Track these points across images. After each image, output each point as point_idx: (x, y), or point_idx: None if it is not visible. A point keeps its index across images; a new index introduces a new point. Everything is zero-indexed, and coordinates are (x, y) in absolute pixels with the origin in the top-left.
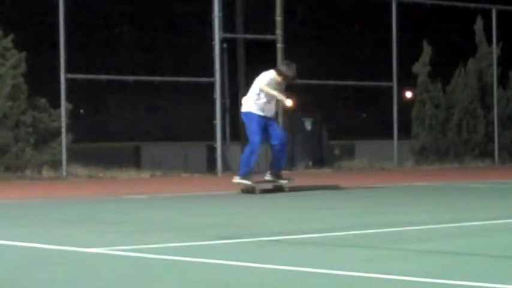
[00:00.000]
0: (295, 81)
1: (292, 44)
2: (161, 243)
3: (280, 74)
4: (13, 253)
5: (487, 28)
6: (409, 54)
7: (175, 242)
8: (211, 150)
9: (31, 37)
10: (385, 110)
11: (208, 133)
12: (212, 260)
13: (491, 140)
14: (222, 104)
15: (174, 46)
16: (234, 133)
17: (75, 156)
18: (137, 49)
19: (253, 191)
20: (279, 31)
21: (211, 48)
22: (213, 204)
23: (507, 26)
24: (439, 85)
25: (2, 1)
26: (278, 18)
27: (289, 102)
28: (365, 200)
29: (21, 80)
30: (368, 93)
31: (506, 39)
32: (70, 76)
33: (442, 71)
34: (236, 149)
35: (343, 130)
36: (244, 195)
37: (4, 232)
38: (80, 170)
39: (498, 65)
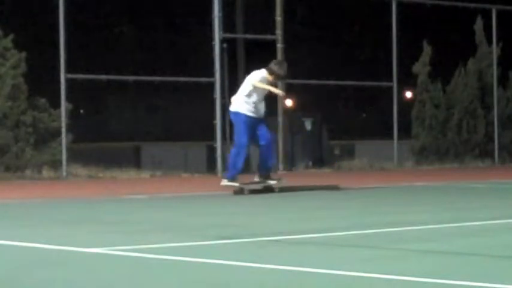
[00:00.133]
0: (285, 79)
1: (292, 44)
2: (161, 243)
3: (271, 73)
4: (13, 253)
5: (487, 28)
6: (409, 54)
7: (175, 242)
8: (211, 150)
9: (31, 37)
10: (385, 110)
11: (208, 133)
12: (212, 260)
13: (491, 140)
14: (222, 104)
15: (174, 46)
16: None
17: (75, 156)
18: (137, 49)
19: (242, 192)
20: (279, 31)
21: (211, 48)
22: (213, 204)
23: (507, 26)
24: (439, 85)
25: (2, 1)
26: (278, 18)
27: (282, 92)
28: (365, 200)
29: (21, 80)
30: (368, 93)
31: (506, 39)
32: (70, 76)
33: (442, 71)
34: None
35: (343, 130)
36: (244, 195)
37: (4, 232)
38: (80, 170)
39: (498, 65)
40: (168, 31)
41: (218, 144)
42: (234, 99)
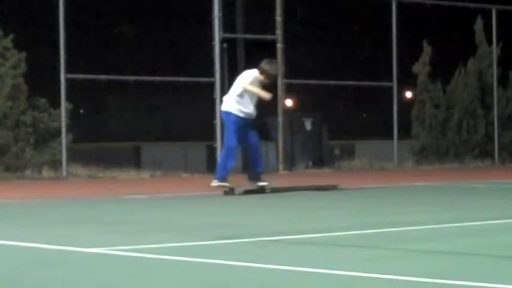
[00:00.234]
0: (276, 79)
1: (292, 44)
2: (161, 243)
3: (262, 73)
4: (13, 253)
5: (487, 28)
6: (409, 54)
7: (175, 242)
8: (211, 150)
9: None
10: (385, 110)
11: (208, 133)
12: (212, 260)
13: (491, 140)
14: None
15: (174, 46)
16: None
17: (75, 156)
18: (137, 49)
19: (232, 193)
20: (279, 31)
21: (211, 48)
22: (213, 204)
23: (507, 26)
24: (439, 85)
25: (2, 1)
26: (278, 18)
27: (269, 96)
28: (365, 200)
29: (21, 80)
30: (368, 93)
31: (506, 39)
32: (70, 76)
33: (442, 71)
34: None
35: (343, 130)
36: (244, 195)
37: (4, 232)
38: (80, 170)
39: (498, 65)
40: (168, 31)
41: (218, 144)
42: (226, 98)
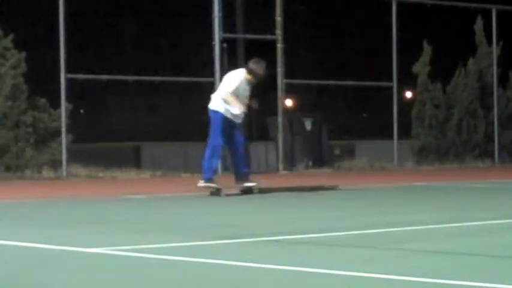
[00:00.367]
0: (263, 79)
1: (292, 44)
2: (161, 243)
3: (250, 73)
4: (13, 253)
5: (487, 28)
6: (409, 54)
7: (175, 242)
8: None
9: (31, 37)
10: (385, 110)
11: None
12: (212, 260)
13: (491, 140)
14: None
15: (174, 46)
16: None
17: (75, 156)
18: (137, 49)
19: (218, 193)
20: (279, 31)
21: (211, 48)
22: (213, 204)
23: (507, 26)
24: (439, 85)
25: (2, 1)
26: (278, 18)
27: (241, 110)
28: (365, 200)
29: (21, 80)
30: (368, 93)
31: (506, 39)
32: (70, 76)
33: (442, 71)
34: None
35: (343, 130)
36: (243, 196)
37: (4, 232)
38: (80, 170)
39: (498, 65)
40: (168, 31)
41: None
42: (214, 97)
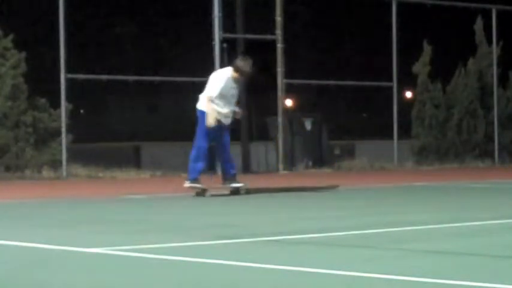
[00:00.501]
0: (250, 76)
1: (292, 44)
2: (161, 243)
3: (237, 70)
4: (13, 253)
5: (487, 28)
6: (409, 54)
7: (175, 242)
8: (211, 150)
9: (31, 37)
10: (385, 110)
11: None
12: (212, 260)
13: (491, 140)
14: None
15: (174, 46)
16: (234, 133)
17: (75, 156)
18: (137, 49)
19: (203, 194)
20: (279, 31)
21: (211, 48)
22: (213, 204)
23: (507, 26)
24: (439, 85)
25: (2, 1)
26: (278, 18)
27: (212, 123)
28: (365, 200)
29: (21, 80)
30: (368, 93)
31: (506, 39)
32: (70, 76)
33: (442, 71)
34: (236, 149)
35: (343, 130)
36: (245, 195)
37: (4, 232)
38: (80, 170)
39: (498, 65)
40: (168, 31)
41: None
42: (202, 97)
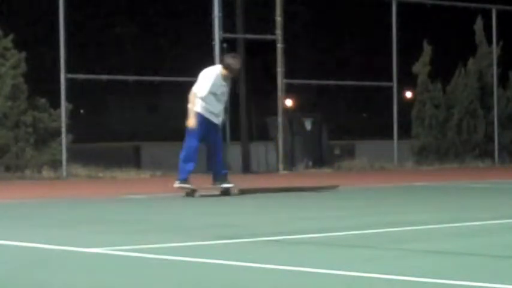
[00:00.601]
0: (239, 74)
1: (292, 44)
2: (161, 243)
3: (226, 68)
4: (13, 253)
5: (487, 28)
6: (409, 54)
7: (175, 242)
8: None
9: (31, 37)
10: (385, 110)
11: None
12: (212, 260)
13: (491, 140)
14: None
15: (174, 46)
16: (234, 133)
17: (75, 156)
18: (137, 49)
19: (193, 194)
20: (279, 31)
21: (211, 48)
22: (213, 204)
23: (507, 26)
24: (439, 85)
25: (2, 1)
26: (278, 18)
27: (192, 125)
28: (365, 200)
29: (21, 80)
30: (368, 93)
31: (506, 39)
32: (70, 76)
33: (442, 71)
34: (236, 149)
35: (343, 130)
36: (244, 195)
37: (4, 232)
38: (80, 170)
39: (498, 65)
40: (168, 31)
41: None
42: (190, 94)
